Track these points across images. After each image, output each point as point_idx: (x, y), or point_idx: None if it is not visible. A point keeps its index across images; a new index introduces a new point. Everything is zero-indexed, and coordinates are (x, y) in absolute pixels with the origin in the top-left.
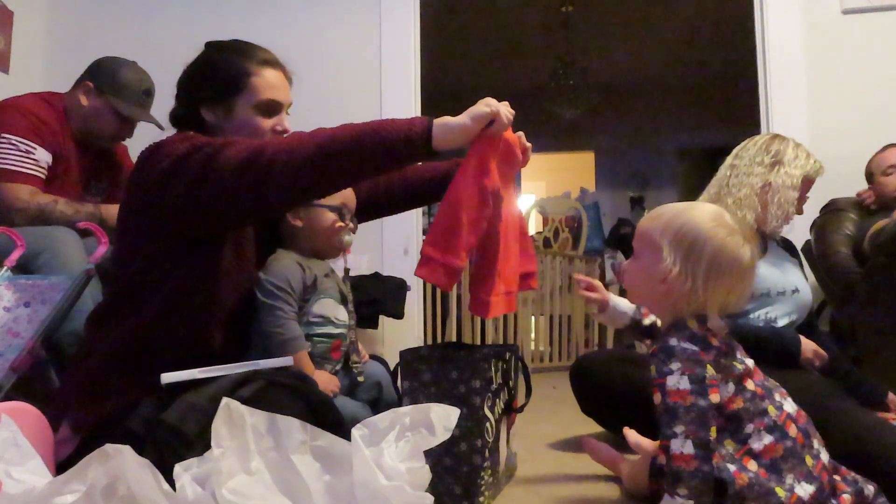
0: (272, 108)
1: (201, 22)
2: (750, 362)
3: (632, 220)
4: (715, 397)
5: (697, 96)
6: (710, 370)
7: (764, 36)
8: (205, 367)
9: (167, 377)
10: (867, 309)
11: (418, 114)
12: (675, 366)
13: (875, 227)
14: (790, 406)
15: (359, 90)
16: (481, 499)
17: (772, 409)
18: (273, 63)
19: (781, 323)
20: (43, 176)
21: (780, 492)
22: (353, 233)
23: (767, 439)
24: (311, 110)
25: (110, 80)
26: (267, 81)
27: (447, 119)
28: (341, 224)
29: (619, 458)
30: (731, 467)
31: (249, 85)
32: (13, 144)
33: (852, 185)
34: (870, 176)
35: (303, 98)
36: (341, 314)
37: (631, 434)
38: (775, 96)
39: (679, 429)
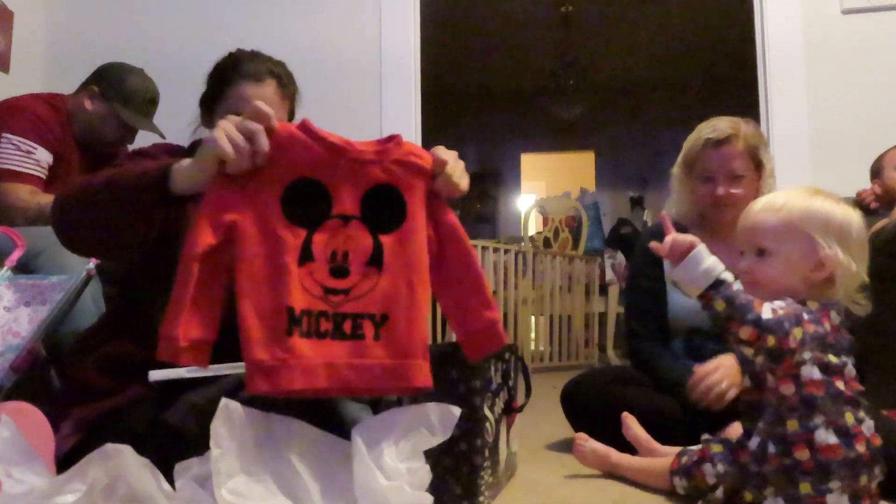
0: None
1: (201, 20)
2: (850, 370)
3: (632, 220)
4: (792, 341)
5: (697, 96)
6: (798, 334)
7: (764, 36)
8: (192, 367)
9: (155, 375)
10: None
11: (419, 114)
12: (778, 303)
13: (875, 227)
14: (868, 428)
15: (359, 91)
16: (481, 499)
17: (849, 417)
18: (259, 75)
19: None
20: (43, 176)
21: (805, 487)
22: None
23: (833, 440)
24: (310, 110)
25: (116, 86)
26: (241, 93)
27: (184, 161)
28: None
29: (611, 453)
30: (772, 449)
31: (226, 94)
32: (14, 144)
33: (852, 185)
34: (878, 171)
35: (302, 98)
36: None
37: (633, 425)
38: (775, 96)
39: (819, 419)
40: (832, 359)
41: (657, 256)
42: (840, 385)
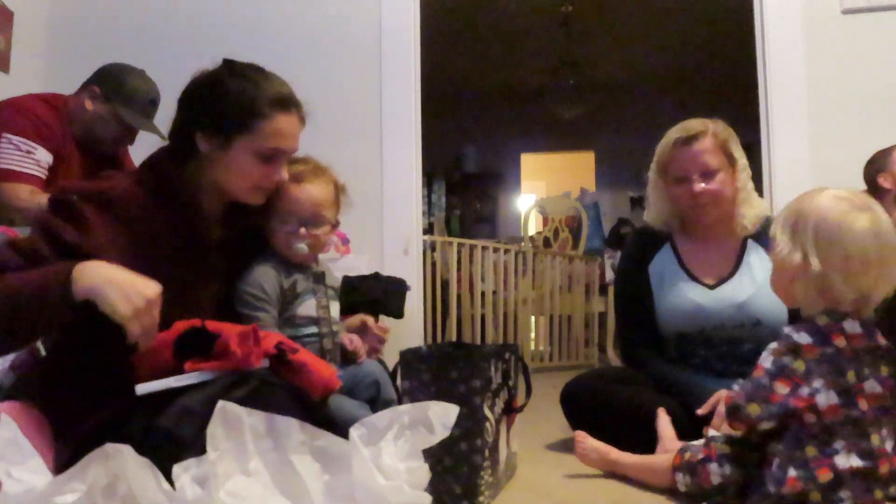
0: (274, 156)
1: (202, 20)
2: (872, 384)
3: (632, 220)
4: (781, 388)
5: (697, 96)
6: (800, 366)
7: (763, 36)
8: (179, 375)
9: (142, 388)
10: None
11: (418, 113)
12: (772, 346)
13: None
14: (890, 445)
15: (358, 92)
16: (481, 499)
17: (875, 439)
18: (287, 104)
19: (747, 347)
20: (43, 176)
21: (815, 496)
22: (317, 240)
23: (856, 462)
24: (309, 117)
25: (117, 87)
26: (277, 128)
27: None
28: (294, 234)
29: (611, 451)
30: (793, 472)
31: (257, 128)
32: (14, 144)
33: (852, 185)
34: (883, 167)
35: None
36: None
37: (664, 419)
38: (775, 96)
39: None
40: (850, 377)
41: (641, 261)
42: (862, 404)
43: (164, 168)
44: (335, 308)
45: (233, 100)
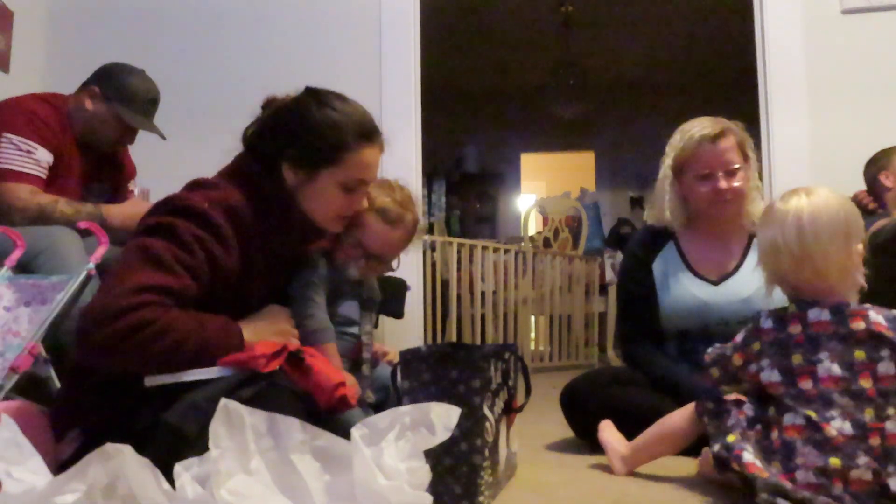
0: (358, 187)
1: (201, 18)
2: (825, 368)
3: (632, 220)
4: (737, 360)
5: (697, 96)
6: (756, 346)
7: (763, 36)
8: (189, 370)
9: (150, 380)
10: None
11: (418, 114)
12: (748, 325)
13: (874, 227)
14: (839, 423)
15: (357, 94)
16: (481, 499)
17: (812, 413)
18: (371, 135)
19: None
20: (43, 176)
21: (776, 466)
22: (367, 272)
23: (800, 420)
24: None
25: (117, 87)
26: (363, 160)
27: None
28: (353, 260)
29: (624, 444)
30: (758, 426)
31: (344, 161)
32: (14, 144)
33: (852, 185)
34: (885, 166)
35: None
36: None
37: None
38: (775, 96)
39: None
40: (795, 360)
41: (646, 260)
42: (806, 384)
43: (264, 185)
44: (372, 317)
45: (320, 132)
